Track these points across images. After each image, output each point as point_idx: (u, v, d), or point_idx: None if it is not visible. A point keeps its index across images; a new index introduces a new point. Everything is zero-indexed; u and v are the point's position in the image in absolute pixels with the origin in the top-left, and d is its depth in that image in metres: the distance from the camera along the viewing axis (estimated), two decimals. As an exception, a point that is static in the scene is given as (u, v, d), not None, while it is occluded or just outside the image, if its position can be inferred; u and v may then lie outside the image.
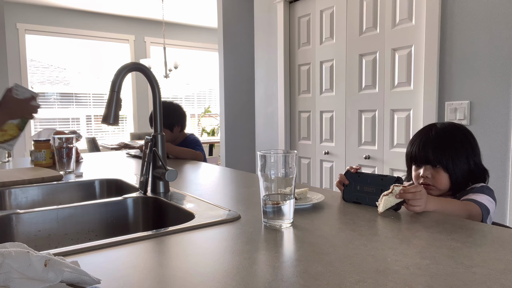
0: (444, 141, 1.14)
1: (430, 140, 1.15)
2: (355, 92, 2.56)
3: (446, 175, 1.13)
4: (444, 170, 1.13)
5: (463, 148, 1.14)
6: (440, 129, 1.17)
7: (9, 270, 0.46)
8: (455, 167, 1.12)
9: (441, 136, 1.15)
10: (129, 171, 1.63)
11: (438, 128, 1.17)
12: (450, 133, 1.16)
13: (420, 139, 1.17)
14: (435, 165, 1.13)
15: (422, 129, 1.22)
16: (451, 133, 1.16)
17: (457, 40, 1.96)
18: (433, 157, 1.13)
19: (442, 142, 1.14)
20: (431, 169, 1.14)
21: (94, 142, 4.86)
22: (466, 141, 1.15)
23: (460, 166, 1.12)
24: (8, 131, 1.42)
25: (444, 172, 1.13)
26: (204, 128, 7.31)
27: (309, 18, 2.87)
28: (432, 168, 1.14)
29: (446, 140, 1.15)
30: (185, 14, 6.19)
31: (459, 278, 0.56)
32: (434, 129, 1.17)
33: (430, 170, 1.14)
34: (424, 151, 1.15)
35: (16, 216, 0.97)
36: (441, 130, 1.16)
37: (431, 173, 1.14)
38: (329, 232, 0.79)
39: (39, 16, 5.61)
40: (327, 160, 2.83)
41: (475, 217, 0.99)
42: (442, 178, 1.13)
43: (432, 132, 1.17)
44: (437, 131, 1.16)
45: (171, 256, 0.67)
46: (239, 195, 1.15)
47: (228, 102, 3.78)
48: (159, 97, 1.18)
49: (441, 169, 1.13)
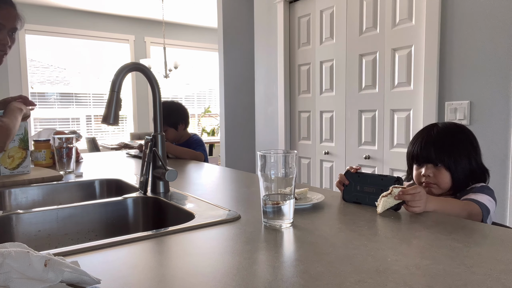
0: (446, 140, 1.15)
1: (431, 139, 1.15)
2: (355, 92, 2.56)
3: (448, 173, 1.13)
4: (446, 169, 1.13)
5: (464, 147, 1.14)
6: (442, 128, 1.17)
7: (9, 270, 0.46)
8: (457, 166, 1.12)
9: (442, 135, 1.16)
10: (129, 171, 1.63)
11: (440, 128, 1.18)
12: (451, 132, 1.16)
13: (422, 138, 1.18)
14: (437, 163, 1.14)
15: (423, 129, 1.22)
16: (452, 132, 1.16)
17: (457, 40, 1.96)
18: (435, 156, 1.14)
19: (444, 141, 1.14)
20: (433, 168, 1.15)
21: (94, 142, 4.86)
22: (468, 141, 1.16)
23: (461, 165, 1.13)
24: (15, 155, 1.46)
25: (445, 171, 1.13)
26: (204, 128, 7.31)
27: (309, 18, 2.87)
28: (434, 167, 1.15)
29: (447, 139, 1.15)
30: (185, 14, 6.19)
31: (459, 278, 0.56)
32: (435, 128, 1.18)
33: (432, 169, 1.15)
34: (426, 150, 1.15)
35: (16, 216, 0.97)
36: (443, 130, 1.17)
37: (432, 172, 1.15)
38: (329, 232, 0.79)
39: (39, 16, 5.61)
40: (327, 160, 2.83)
41: (475, 216, 1.00)
42: (444, 177, 1.13)
43: (433, 131, 1.17)
44: (439, 130, 1.17)
45: (171, 256, 0.67)
46: (239, 195, 1.15)
47: (228, 102, 3.78)
48: (159, 97, 1.18)
49: (442, 168, 1.13)
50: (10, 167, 1.45)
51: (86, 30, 5.96)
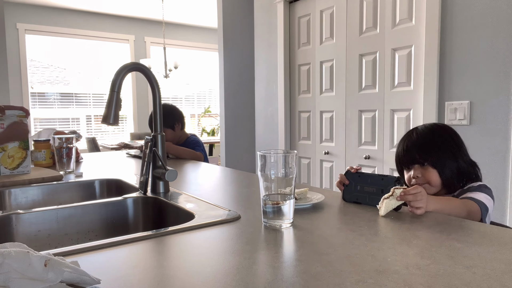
0: (427, 139, 1.19)
1: (413, 142, 1.19)
2: (355, 92, 2.56)
3: (435, 171, 1.16)
4: (433, 167, 1.16)
5: (446, 143, 1.17)
6: (421, 130, 1.22)
7: (9, 270, 0.46)
8: (442, 162, 1.15)
9: (423, 136, 1.19)
10: (129, 171, 1.63)
11: (419, 130, 1.22)
12: (431, 131, 1.20)
13: (403, 142, 1.22)
14: (423, 163, 1.17)
15: (405, 134, 1.26)
16: (432, 131, 1.20)
17: (457, 40, 1.96)
18: (418, 156, 1.17)
19: (425, 141, 1.18)
20: (420, 168, 1.18)
21: (94, 142, 4.86)
22: (448, 137, 1.19)
23: (446, 161, 1.15)
24: (15, 155, 1.47)
25: (432, 169, 1.16)
26: (204, 128, 7.31)
27: (309, 18, 2.87)
28: (421, 167, 1.17)
29: (428, 138, 1.19)
30: (185, 14, 6.19)
31: (459, 278, 0.56)
32: (415, 131, 1.22)
33: (419, 169, 1.18)
34: (409, 152, 1.19)
35: (16, 216, 0.97)
36: (422, 130, 1.21)
37: (420, 172, 1.17)
38: (329, 232, 0.79)
39: (39, 16, 5.61)
40: (327, 160, 2.83)
41: (474, 215, 1.00)
42: (432, 175, 1.16)
43: (413, 134, 1.22)
44: (418, 132, 1.21)
45: (171, 256, 0.67)
46: (239, 195, 1.15)
47: (228, 102, 3.78)
48: (159, 97, 1.18)
49: (429, 167, 1.16)
50: (10, 167, 1.45)
51: (86, 30, 5.96)
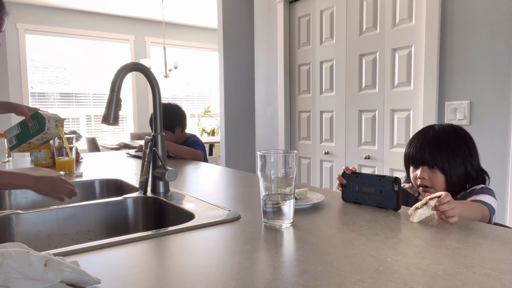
0: (442, 142, 1.15)
1: (427, 142, 1.16)
2: (355, 92, 2.56)
3: (442, 176, 1.13)
4: (441, 172, 1.13)
5: (459, 150, 1.14)
6: (438, 130, 1.18)
7: (9, 270, 0.46)
8: (451, 169, 1.12)
9: (438, 138, 1.16)
10: (129, 171, 1.63)
11: (436, 130, 1.18)
12: (447, 134, 1.16)
13: (417, 140, 1.18)
14: (432, 166, 1.14)
15: (420, 131, 1.22)
16: (448, 134, 1.16)
17: (457, 40, 1.96)
18: (430, 158, 1.14)
19: (439, 144, 1.15)
20: (428, 170, 1.15)
21: (94, 142, 4.86)
22: (463, 143, 1.15)
23: (456, 167, 1.12)
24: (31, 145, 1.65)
25: (440, 174, 1.13)
26: (204, 128, 7.31)
27: (309, 18, 2.87)
28: (429, 169, 1.15)
29: (443, 141, 1.15)
30: (185, 14, 6.19)
31: (459, 278, 0.56)
32: (432, 130, 1.18)
33: (427, 171, 1.15)
34: (421, 152, 1.15)
35: (16, 216, 0.97)
36: (439, 132, 1.17)
37: (428, 174, 1.15)
38: (329, 232, 0.79)
39: (39, 16, 5.61)
40: (327, 160, 2.83)
41: (486, 218, 0.99)
42: (439, 179, 1.13)
43: (429, 133, 1.17)
44: (435, 132, 1.17)
45: (171, 256, 0.67)
46: (239, 195, 1.15)
47: (228, 102, 3.78)
48: (159, 97, 1.18)
49: (437, 171, 1.13)
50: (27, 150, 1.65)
51: (86, 30, 5.96)
